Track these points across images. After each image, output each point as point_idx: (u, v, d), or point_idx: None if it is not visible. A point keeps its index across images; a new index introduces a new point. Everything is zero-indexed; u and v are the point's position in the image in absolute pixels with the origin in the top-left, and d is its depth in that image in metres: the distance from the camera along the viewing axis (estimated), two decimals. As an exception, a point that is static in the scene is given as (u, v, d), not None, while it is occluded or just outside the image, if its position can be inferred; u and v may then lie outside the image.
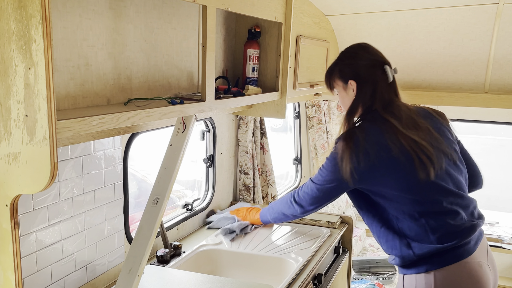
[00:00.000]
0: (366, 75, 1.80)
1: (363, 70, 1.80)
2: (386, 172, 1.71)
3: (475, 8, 2.80)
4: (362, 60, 1.82)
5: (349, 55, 1.86)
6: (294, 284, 1.90)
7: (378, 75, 1.80)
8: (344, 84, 1.85)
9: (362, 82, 1.80)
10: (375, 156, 1.70)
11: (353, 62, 1.83)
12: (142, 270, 1.54)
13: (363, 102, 1.81)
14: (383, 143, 1.71)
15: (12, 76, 1.07)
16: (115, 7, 1.53)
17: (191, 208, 2.48)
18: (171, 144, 1.70)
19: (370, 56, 1.82)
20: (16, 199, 1.16)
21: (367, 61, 1.81)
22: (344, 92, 1.86)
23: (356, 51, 1.85)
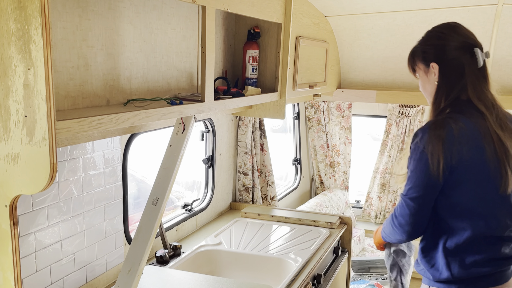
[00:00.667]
0: (452, 58, 1.60)
1: (449, 53, 1.61)
2: (474, 176, 1.54)
3: (474, 9, 2.81)
4: (448, 41, 1.62)
5: (434, 35, 1.67)
6: (293, 285, 1.90)
7: (466, 58, 1.59)
8: (425, 67, 1.67)
9: (446, 66, 1.61)
10: (468, 154, 1.52)
11: (438, 43, 1.64)
12: (141, 271, 1.54)
13: (448, 89, 1.61)
14: (478, 141, 1.54)
15: (11, 76, 1.07)
16: (114, 8, 1.53)
17: (191, 208, 2.48)
18: (170, 144, 1.70)
19: (458, 37, 1.62)
20: (16, 200, 1.16)
21: (454, 42, 1.61)
22: (426, 76, 1.68)
23: (443, 30, 1.66)
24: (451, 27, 1.66)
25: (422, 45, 1.70)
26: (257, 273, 2.14)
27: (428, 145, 1.52)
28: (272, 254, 2.16)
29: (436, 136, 1.51)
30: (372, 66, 3.37)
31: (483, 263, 1.56)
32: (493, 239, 1.57)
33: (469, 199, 1.56)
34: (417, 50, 1.71)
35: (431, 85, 1.67)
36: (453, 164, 1.51)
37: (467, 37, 1.64)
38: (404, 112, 3.51)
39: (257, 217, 2.61)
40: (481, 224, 1.56)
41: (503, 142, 1.55)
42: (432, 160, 1.50)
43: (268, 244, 2.28)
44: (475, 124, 1.56)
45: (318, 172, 4.01)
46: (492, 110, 1.60)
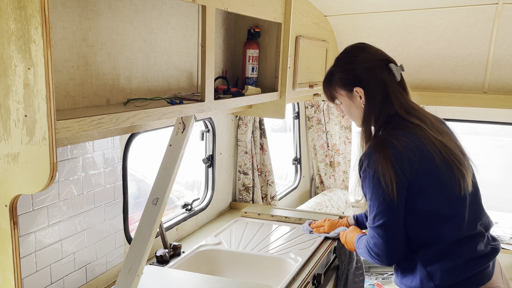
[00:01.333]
0: (374, 79, 1.60)
1: (368, 74, 1.61)
2: (431, 183, 1.53)
3: (474, 9, 2.81)
4: (363, 63, 1.62)
5: (347, 60, 1.66)
6: (293, 284, 1.90)
7: (385, 76, 1.61)
8: (348, 93, 1.65)
9: (370, 87, 1.61)
10: (419, 164, 1.51)
11: (353, 67, 1.63)
12: (141, 270, 1.54)
13: (377, 109, 1.61)
14: (423, 149, 1.53)
15: (11, 76, 1.07)
16: (114, 8, 1.53)
17: (191, 208, 2.48)
18: (170, 144, 1.70)
19: (371, 57, 1.63)
20: (16, 199, 1.16)
21: (369, 62, 1.62)
22: (350, 101, 1.66)
23: (354, 54, 1.66)
24: (361, 49, 1.66)
25: (339, 71, 1.66)
26: (257, 273, 2.14)
27: (377, 168, 1.50)
28: (272, 254, 2.16)
29: (383, 157, 1.50)
30: (372, 65, 3.36)
31: (463, 266, 1.55)
32: (467, 239, 1.57)
33: (433, 207, 1.55)
34: (333, 77, 1.68)
35: (358, 108, 1.66)
36: (408, 178, 1.51)
37: (380, 55, 1.65)
38: (404, 111, 3.50)
39: (257, 216, 2.61)
40: (451, 228, 1.56)
41: (447, 146, 1.56)
42: (385, 182, 1.49)
43: (268, 243, 2.28)
44: (415, 135, 1.56)
45: (318, 172, 4.01)
46: (424, 119, 1.61)
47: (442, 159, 1.54)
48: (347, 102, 1.68)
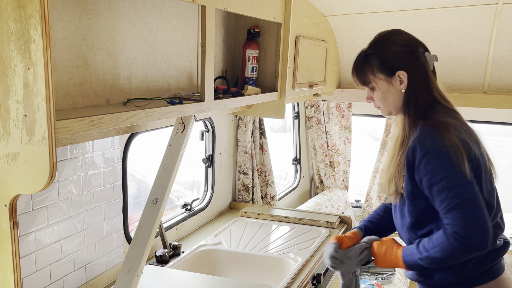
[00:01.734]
0: (415, 63, 1.57)
1: (411, 57, 1.58)
2: (482, 168, 1.49)
3: (474, 9, 2.81)
4: (405, 47, 1.59)
5: (387, 44, 1.62)
6: (293, 284, 1.90)
7: (424, 61, 1.60)
8: (387, 77, 1.58)
9: (414, 71, 1.57)
10: (473, 148, 1.48)
11: (395, 50, 1.59)
12: (141, 270, 1.54)
13: (419, 94, 1.57)
14: (473, 134, 1.54)
15: (11, 76, 1.07)
16: (114, 7, 1.53)
17: (190, 208, 2.48)
18: (170, 144, 1.70)
19: (412, 41, 1.61)
20: (15, 199, 1.16)
21: (411, 47, 1.59)
22: (389, 85, 1.59)
23: (394, 37, 1.62)
24: (400, 33, 1.63)
25: (377, 54, 1.61)
26: (257, 273, 2.14)
27: (444, 143, 1.43)
28: (271, 254, 2.16)
29: (448, 134, 1.44)
30: (371, 65, 3.36)
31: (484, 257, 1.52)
32: (497, 228, 1.55)
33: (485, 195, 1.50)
34: (370, 60, 1.61)
35: (395, 94, 1.59)
36: (472, 157, 1.46)
37: (419, 42, 1.63)
38: (403, 111, 3.50)
39: (256, 216, 2.61)
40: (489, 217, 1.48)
41: (477, 137, 1.56)
42: (457, 157, 1.42)
43: (267, 243, 2.28)
44: (460, 122, 1.56)
45: (318, 172, 4.01)
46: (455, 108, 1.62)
47: (480, 149, 1.54)
48: (385, 86, 1.60)
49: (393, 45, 1.60)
